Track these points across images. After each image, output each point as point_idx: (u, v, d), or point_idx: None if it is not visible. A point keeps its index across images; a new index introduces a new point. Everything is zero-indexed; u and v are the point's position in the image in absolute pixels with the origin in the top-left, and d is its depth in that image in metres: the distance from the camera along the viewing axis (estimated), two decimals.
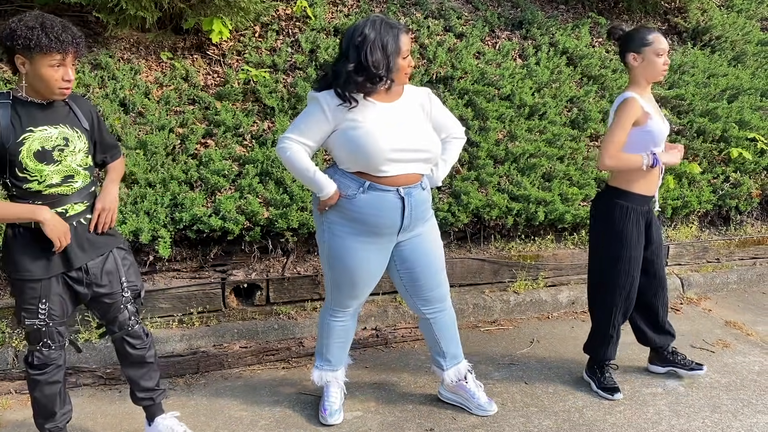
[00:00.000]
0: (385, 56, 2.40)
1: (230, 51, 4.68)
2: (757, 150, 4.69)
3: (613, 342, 3.03)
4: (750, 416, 2.85)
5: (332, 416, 2.79)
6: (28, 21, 2.06)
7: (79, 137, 2.26)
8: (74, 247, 2.27)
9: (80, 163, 2.26)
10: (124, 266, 2.42)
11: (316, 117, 2.45)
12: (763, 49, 5.87)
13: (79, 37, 2.14)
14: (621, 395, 2.99)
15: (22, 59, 2.09)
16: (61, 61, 2.10)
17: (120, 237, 2.45)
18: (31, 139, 2.15)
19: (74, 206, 2.26)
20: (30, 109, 2.17)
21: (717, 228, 4.64)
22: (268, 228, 3.58)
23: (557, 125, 4.59)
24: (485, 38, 5.30)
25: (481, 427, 2.77)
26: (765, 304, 4.18)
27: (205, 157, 3.82)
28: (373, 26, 2.40)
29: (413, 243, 2.64)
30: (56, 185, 2.21)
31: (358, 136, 2.42)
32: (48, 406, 2.39)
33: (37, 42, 2.04)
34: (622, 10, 6.12)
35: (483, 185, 4.08)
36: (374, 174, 2.47)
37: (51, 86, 2.12)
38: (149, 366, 2.54)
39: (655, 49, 2.76)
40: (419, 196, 2.56)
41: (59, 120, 2.22)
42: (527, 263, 4.04)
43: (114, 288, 2.38)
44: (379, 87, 2.45)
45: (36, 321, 2.27)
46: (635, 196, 2.86)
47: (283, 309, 3.64)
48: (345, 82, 2.41)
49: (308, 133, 2.47)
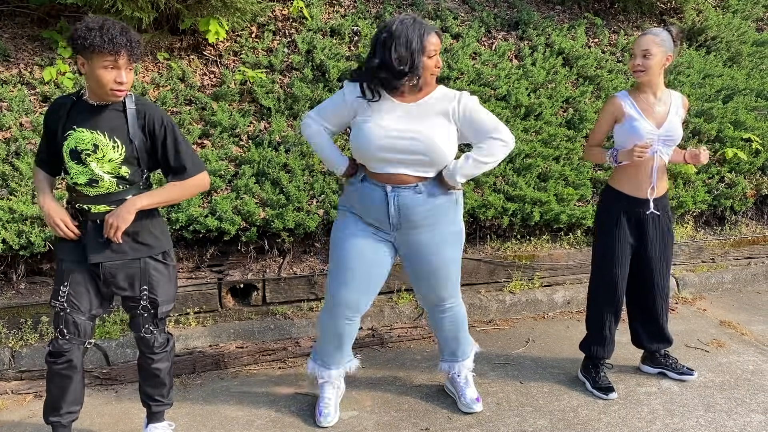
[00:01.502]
0: (409, 53, 2.42)
1: (227, 51, 4.68)
2: (752, 150, 4.71)
3: (608, 341, 3.05)
4: (744, 415, 2.87)
5: (326, 418, 2.78)
6: (90, 23, 2.14)
7: (116, 147, 2.25)
8: (91, 242, 2.31)
9: (109, 170, 2.26)
10: (152, 276, 2.40)
11: (337, 103, 2.61)
12: (759, 50, 5.89)
13: (135, 41, 2.17)
14: (615, 395, 3.00)
15: (82, 60, 2.17)
16: (113, 63, 2.15)
17: (158, 248, 2.40)
18: (71, 137, 2.25)
19: (97, 206, 2.30)
20: (83, 109, 2.26)
21: (712, 228, 4.66)
22: (265, 228, 3.59)
23: (553, 126, 4.60)
24: (481, 39, 5.32)
25: (476, 427, 2.78)
26: (759, 304, 4.20)
27: (201, 158, 3.81)
28: (401, 23, 2.45)
29: (409, 245, 2.64)
30: (81, 185, 2.28)
31: (359, 131, 2.52)
32: (55, 397, 2.42)
33: (91, 42, 2.11)
34: (618, 11, 6.14)
35: (479, 185, 4.09)
36: (369, 169, 2.58)
37: (104, 87, 2.18)
38: (155, 377, 2.53)
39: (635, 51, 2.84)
40: (410, 199, 2.53)
41: (99, 126, 2.25)
42: (523, 263, 4.05)
43: (134, 293, 2.40)
44: (403, 84, 2.47)
45: (57, 302, 2.36)
46: (622, 195, 2.93)
47: (279, 309, 3.64)
48: (369, 76, 2.49)
49: (328, 116, 2.64)
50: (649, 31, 2.82)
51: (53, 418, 2.44)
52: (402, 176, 2.53)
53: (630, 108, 2.85)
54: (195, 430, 2.77)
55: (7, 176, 3.52)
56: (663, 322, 3.11)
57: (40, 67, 4.24)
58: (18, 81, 4.09)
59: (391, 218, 2.57)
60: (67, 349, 2.36)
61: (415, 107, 2.52)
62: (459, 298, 2.82)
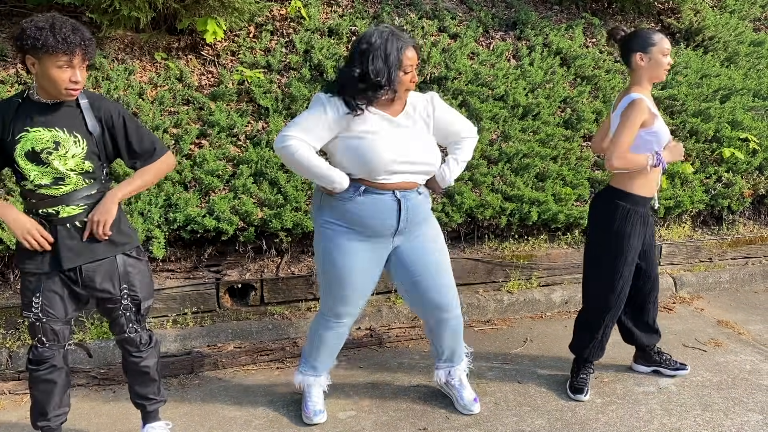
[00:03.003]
0: (386, 66, 2.42)
1: (224, 51, 4.68)
2: (749, 150, 4.72)
3: (597, 343, 3.03)
4: (741, 414, 2.87)
5: (316, 415, 2.79)
6: (39, 21, 2.08)
7: (77, 142, 2.22)
8: (65, 248, 2.25)
9: (73, 167, 2.22)
10: (128, 274, 2.38)
11: (320, 119, 2.43)
12: (756, 50, 5.90)
13: (88, 39, 2.14)
14: (585, 397, 2.98)
15: (32, 59, 2.11)
16: (68, 63, 2.11)
17: (129, 244, 2.39)
18: (25, 139, 2.18)
19: (66, 208, 2.25)
20: (33, 109, 2.19)
21: (709, 228, 4.66)
22: (263, 228, 3.59)
23: (551, 125, 4.61)
24: (479, 39, 5.32)
25: (474, 426, 2.78)
26: (757, 304, 4.20)
27: (199, 158, 3.82)
28: (380, 35, 2.43)
29: (411, 245, 2.66)
30: (46, 186, 2.22)
31: (363, 146, 2.45)
32: (41, 403, 2.40)
33: (44, 42, 2.06)
34: (616, 11, 6.14)
35: (477, 185, 4.09)
36: (371, 180, 2.51)
37: (58, 87, 2.13)
38: (144, 375, 2.52)
39: (661, 49, 2.78)
40: (415, 200, 2.60)
41: (57, 123, 2.21)
42: (521, 263, 4.05)
43: (113, 293, 2.36)
44: (380, 96, 2.46)
45: (30, 314, 2.30)
46: (636, 197, 2.86)
47: (277, 309, 3.64)
48: (349, 87, 2.43)
49: (312, 133, 2.44)
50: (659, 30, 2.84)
51: (41, 423, 2.43)
52: (408, 183, 2.56)
53: (654, 108, 2.79)
54: (193, 430, 2.77)
55: (3, 176, 3.52)
56: (655, 313, 3.13)
57: None
58: (15, 81, 4.09)
59: (401, 223, 2.57)
60: (49, 356, 2.35)
61: (404, 118, 2.55)
62: (459, 309, 2.82)
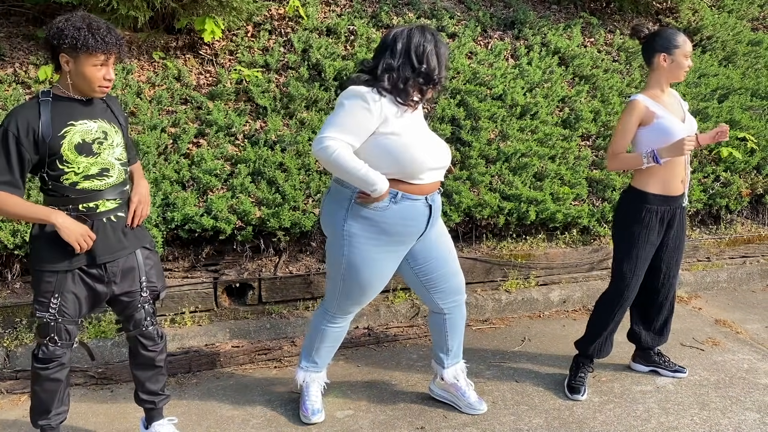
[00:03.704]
0: (439, 65, 2.47)
1: (222, 51, 4.68)
2: (747, 149, 4.72)
3: (600, 342, 3.04)
4: (738, 413, 2.88)
5: (315, 414, 2.80)
6: (76, 22, 2.14)
7: (116, 132, 2.34)
8: (99, 243, 2.29)
9: (118, 156, 2.33)
10: (147, 266, 2.44)
11: (361, 115, 2.33)
12: (754, 49, 5.91)
13: (121, 39, 2.22)
14: (582, 397, 2.99)
15: (67, 58, 2.17)
16: (104, 62, 2.19)
17: (147, 236, 2.48)
18: (72, 132, 2.23)
19: (106, 203, 2.30)
20: (70, 104, 2.25)
21: (707, 227, 4.67)
22: (260, 227, 3.59)
23: (549, 125, 4.61)
24: (477, 38, 5.32)
25: (471, 426, 2.78)
26: (754, 303, 4.21)
27: (197, 157, 3.82)
28: (429, 34, 2.46)
29: (429, 236, 2.69)
30: (92, 177, 2.26)
31: (403, 144, 2.40)
32: (45, 402, 2.41)
33: (84, 42, 2.12)
34: (614, 10, 6.15)
35: (475, 185, 4.09)
36: (409, 181, 2.47)
37: (92, 85, 2.21)
38: (158, 369, 2.56)
39: (684, 51, 2.80)
40: (438, 201, 2.66)
41: (98, 115, 2.30)
42: (519, 262, 4.06)
43: (133, 287, 2.41)
44: (428, 93, 2.52)
45: (46, 315, 2.30)
46: (651, 196, 2.84)
47: (275, 308, 3.64)
48: (405, 83, 2.41)
49: (351, 131, 2.32)
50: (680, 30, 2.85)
51: (42, 422, 2.43)
52: (437, 183, 2.60)
53: (655, 107, 2.79)
54: (191, 429, 2.77)
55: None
56: (670, 316, 3.13)
57: (35, 66, 4.23)
58: (13, 80, 4.09)
59: (429, 226, 2.61)
60: (60, 354, 2.36)
61: (419, 115, 2.57)
62: None
